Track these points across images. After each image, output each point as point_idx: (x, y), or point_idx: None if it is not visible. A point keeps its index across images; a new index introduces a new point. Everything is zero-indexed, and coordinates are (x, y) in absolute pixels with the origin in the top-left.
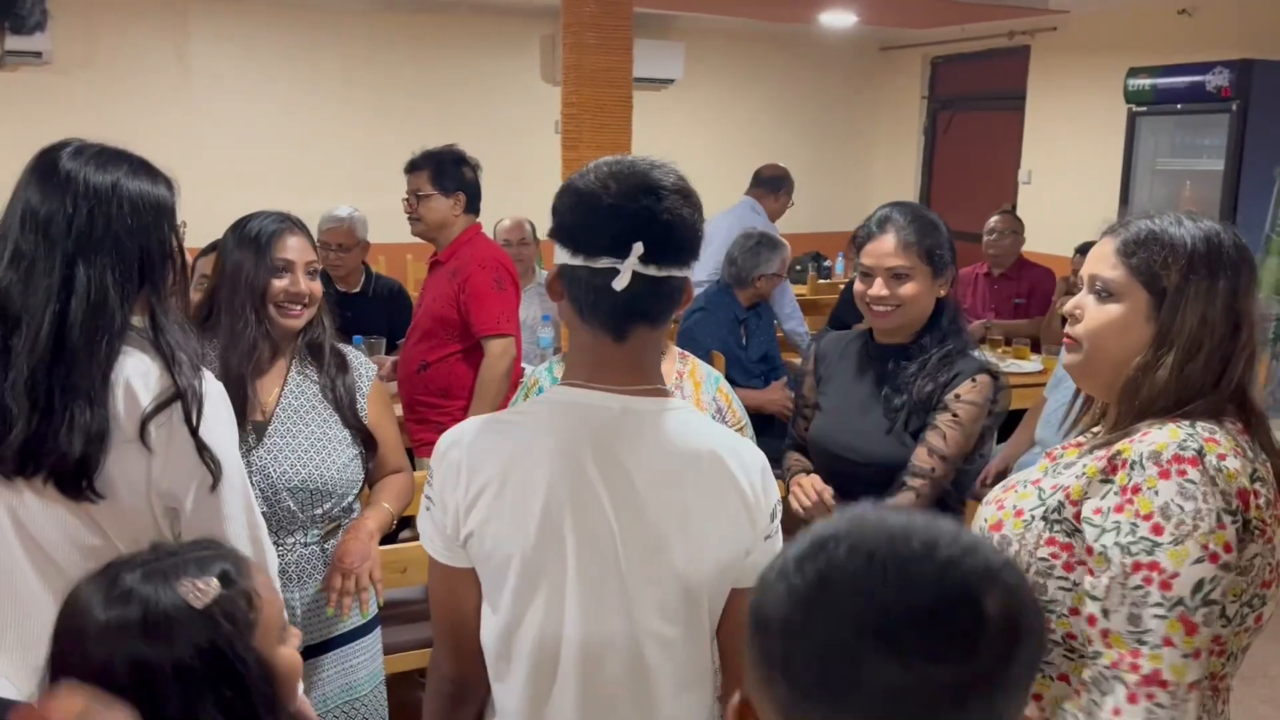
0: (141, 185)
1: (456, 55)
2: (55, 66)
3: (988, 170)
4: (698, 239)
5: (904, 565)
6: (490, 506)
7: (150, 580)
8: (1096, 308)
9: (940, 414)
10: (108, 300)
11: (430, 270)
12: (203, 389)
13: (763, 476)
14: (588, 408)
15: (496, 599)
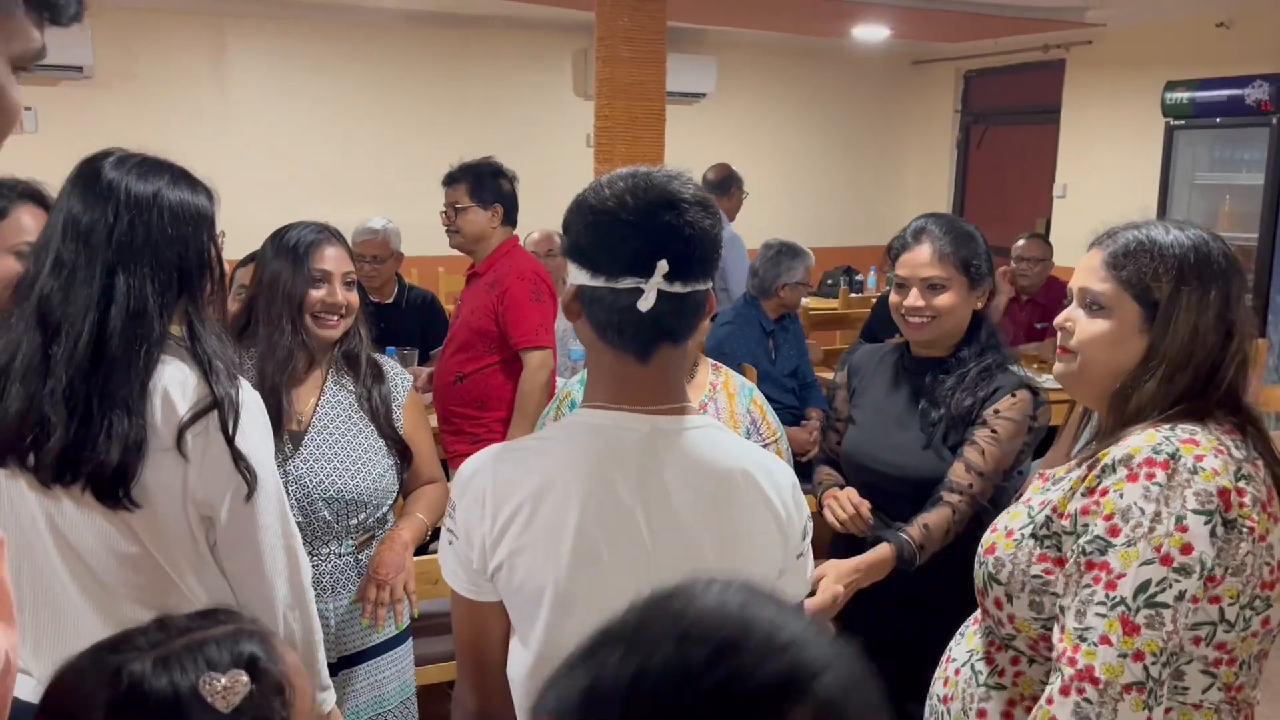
0: (182, 195)
1: (489, 69)
2: (96, 80)
3: (1021, 184)
4: (718, 249)
5: (682, 680)
6: (520, 538)
7: (164, 672)
8: (1087, 321)
9: (979, 429)
10: (147, 309)
11: (468, 282)
12: (239, 398)
13: (794, 493)
14: (616, 430)
15: (528, 632)
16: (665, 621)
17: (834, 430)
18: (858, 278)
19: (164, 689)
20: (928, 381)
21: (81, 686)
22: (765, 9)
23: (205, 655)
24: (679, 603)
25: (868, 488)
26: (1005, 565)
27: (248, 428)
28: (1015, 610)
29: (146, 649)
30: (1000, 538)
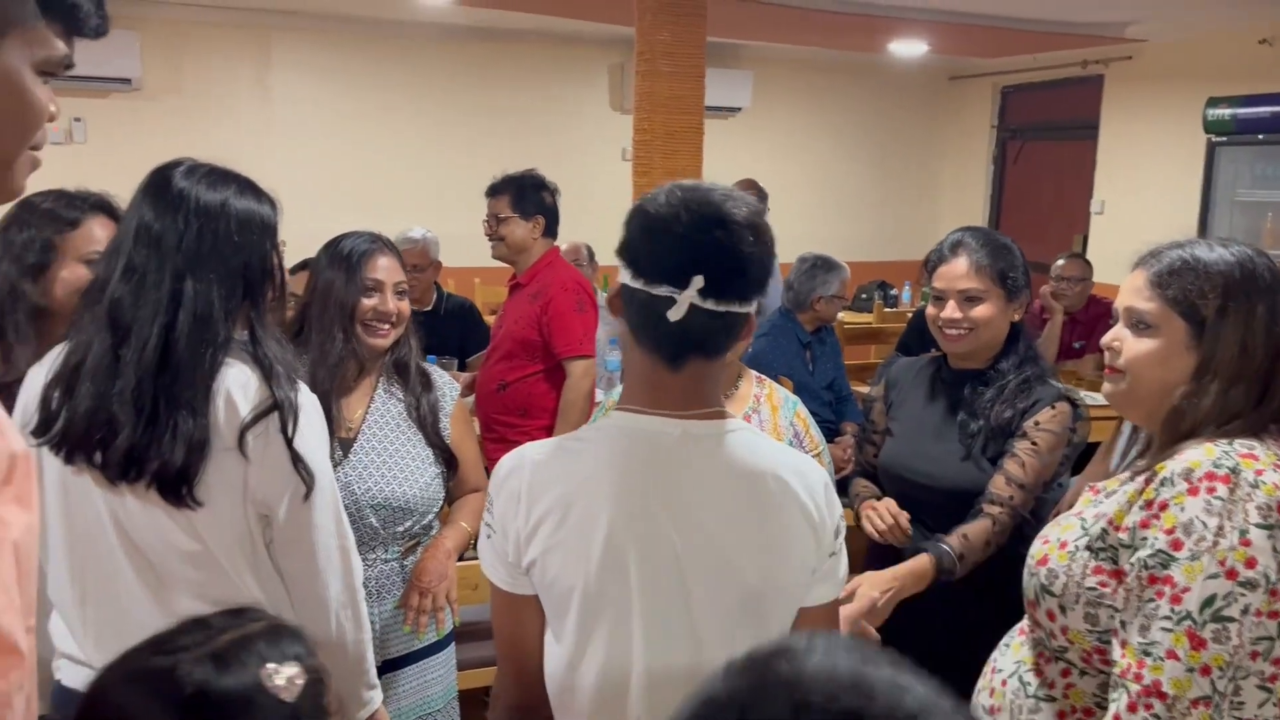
0: (248, 204)
1: (527, 83)
2: (144, 92)
3: (1059, 200)
4: (764, 275)
5: None
6: (552, 536)
7: (225, 669)
8: (1134, 340)
9: (1019, 441)
10: (212, 313)
11: (510, 293)
12: (298, 401)
13: (826, 493)
14: (648, 434)
15: (560, 629)
16: (778, 690)
17: (870, 443)
18: (892, 292)
19: (230, 685)
20: (966, 393)
21: (132, 699)
22: (803, 24)
23: (257, 650)
24: (787, 666)
25: (905, 499)
26: (1059, 577)
27: (306, 430)
28: (1069, 622)
29: (195, 648)
30: (1053, 549)
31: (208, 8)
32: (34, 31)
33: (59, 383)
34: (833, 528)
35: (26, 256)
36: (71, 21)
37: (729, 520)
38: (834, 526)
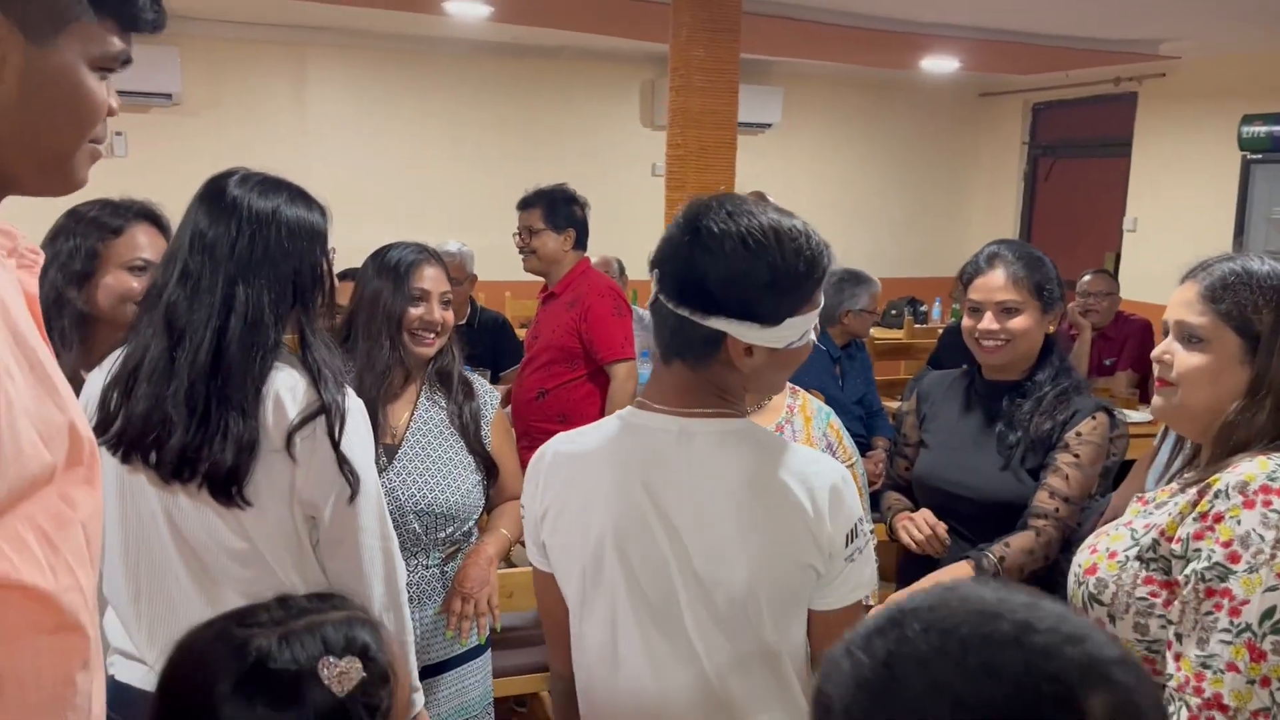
0: (299, 212)
1: (558, 99)
2: (184, 108)
3: (1091, 217)
4: (731, 291)
5: (987, 651)
6: (556, 521)
7: (287, 648)
8: (1186, 354)
9: (1061, 454)
10: (263, 318)
11: (544, 303)
12: (345, 404)
13: (831, 494)
14: (647, 430)
15: (573, 606)
16: (957, 601)
17: (902, 456)
18: (922, 308)
19: (287, 664)
20: (1004, 405)
21: (209, 656)
22: (835, 40)
23: (324, 636)
24: (967, 590)
25: (942, 510)
26: (1108, 586)
27: (352, 433)
28: (1118, 631)
29: (270, 625)
30: (1102, 559)
31: (246, 24)
32: (89, 28)
33: (117, 384)
34: (842, 529)
35: (72, 264)
36: (127, 17)
37: (718, 517)
38: (844, 528)
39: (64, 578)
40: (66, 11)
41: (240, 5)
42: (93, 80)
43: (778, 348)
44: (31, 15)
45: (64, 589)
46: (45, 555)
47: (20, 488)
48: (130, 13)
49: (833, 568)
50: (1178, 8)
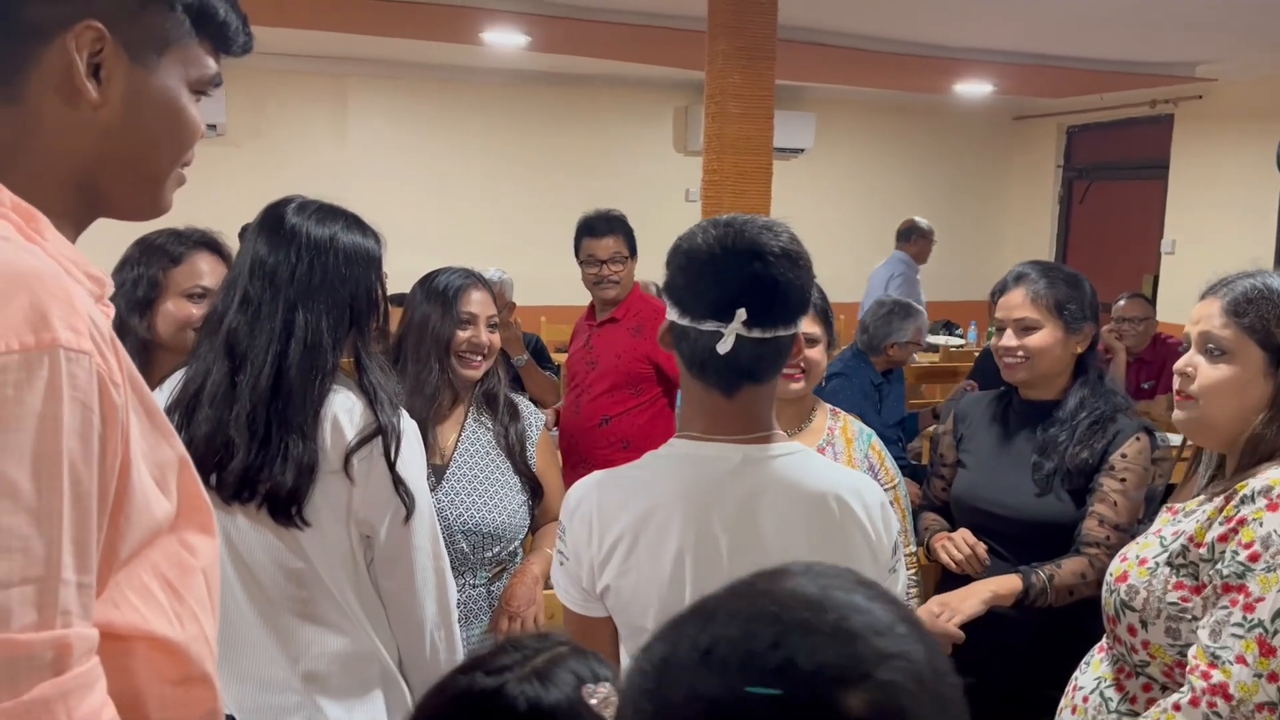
0: (354, 238)
1: (593, 126)
2: (228, 137)
3: (1128, 239)
4: (803, 300)
5: (744, 658)
6: (625, 562)
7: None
8: (1209, 367)
9: (1107, 478)
10: (322, 342)
11: (599, 328)
12: (400, 426)
13: (882, 511)
14: (709, 460)
15: (634, 650)
16: (744, 600)
17: (939, 476)
18: (957, 331)
19: (558, 701)
20: (1039, 435)
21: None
22: (868, 66)
23: (571, 668)
24: (766, 583)
25: (980, 530)
26: (1139, 592)
27: (407, 454)
28: (1150, 636)
29: (516, 667)
30: (1132, 566)
31: (289, 56)
32: (190, 50)
33: (178, 407)
34: (890, 545)
35: (135, 292)
36: (221, 40)
37: (788, 541)
38: (891, 543)
39: (190, 627)
40: (171, 34)
41: (284, 37)
42: (191, 102)
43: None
44: (138, 37)
45: (190, 639)
46: (171, 604)
47: (145, 536)
48: (226, 36)
49: (882, 579)
50: (1214, 31)
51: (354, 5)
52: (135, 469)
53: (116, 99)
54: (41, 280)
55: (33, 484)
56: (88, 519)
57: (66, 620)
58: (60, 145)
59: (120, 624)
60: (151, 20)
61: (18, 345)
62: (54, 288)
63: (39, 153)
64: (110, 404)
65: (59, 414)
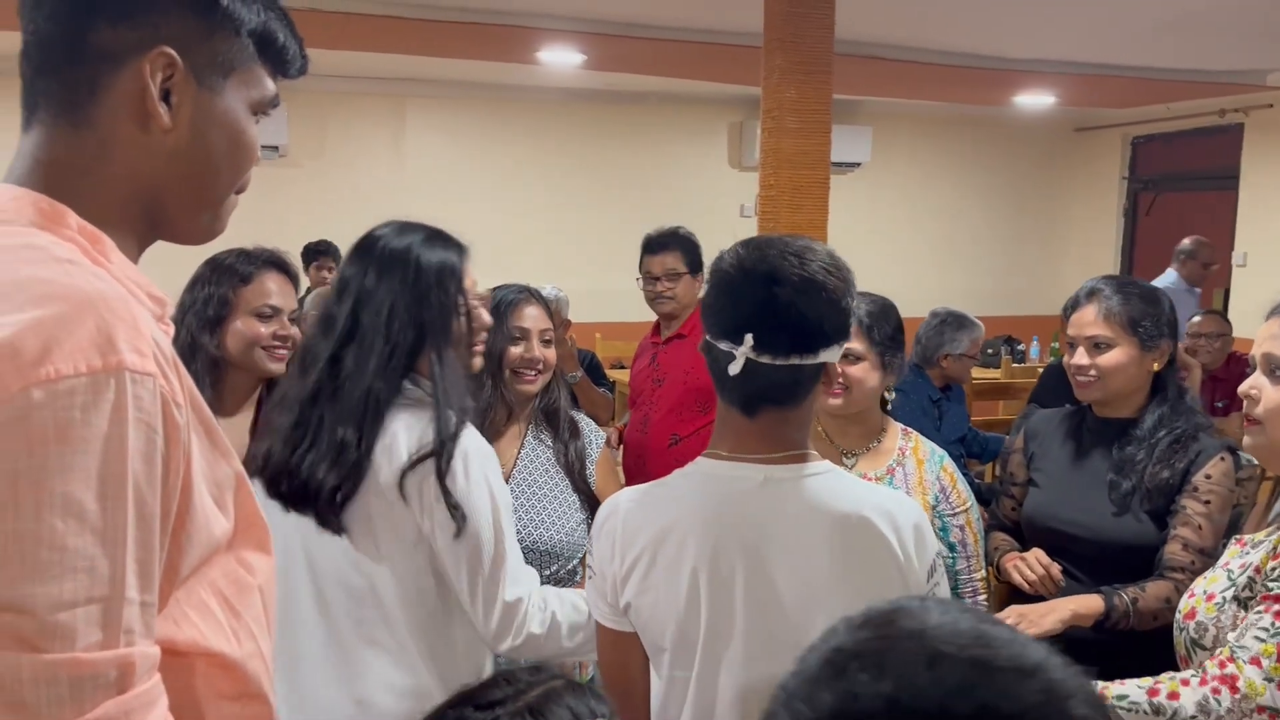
0: (433, 250)
1: (647, 142)
2: (289, 159)
3: None
4: (824, 328)
5: (939, 703)
6: (644, 580)
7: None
8: (1274, 389)
9: (1190, 500)
10: (379, 349)
11: (664, 346)
12: (462, 444)
13: (915, 533)
14: (730, 480)
15: (657, 667)
16: (909, 641)
17: (1009, 495)
18: (1020, 347)
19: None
20: (1115, 455)
21: None
22: (926, 78)
23: (566, 704)
24: (911, 621)
25: (1055, 550)
26: (1208, 629)
27: (460, 471)
28: None
29: (509, 701)
30: (1200, 602)
31: (348, 78)
32: (252, 73)
33: (265, 419)
34: (924, 567)
35: (206, 311)
36: (279, 63)
37: (811, 563)
38: (926, 565)
39: (247, 644)
40: (236, 58)
41: (344, 60)
42: (251, 124)
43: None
44: (206, 62)
45: (247, 656)
46: (228, 621)
47: (205, 554)
48: (285, 59)
49: None
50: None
51: (413, 27)
52: (196, 488)
53: (184, 122)
54: (108, 303)
55: (99, 505)
56: (151, 538)
57: (130, 639)
58: (129, 168)
59: (180, 641)
60: (219, 45)
61: (85, 368)
62: (120, 310)
63: (108, 175)
64: (173, 424)
65: (125, 435)
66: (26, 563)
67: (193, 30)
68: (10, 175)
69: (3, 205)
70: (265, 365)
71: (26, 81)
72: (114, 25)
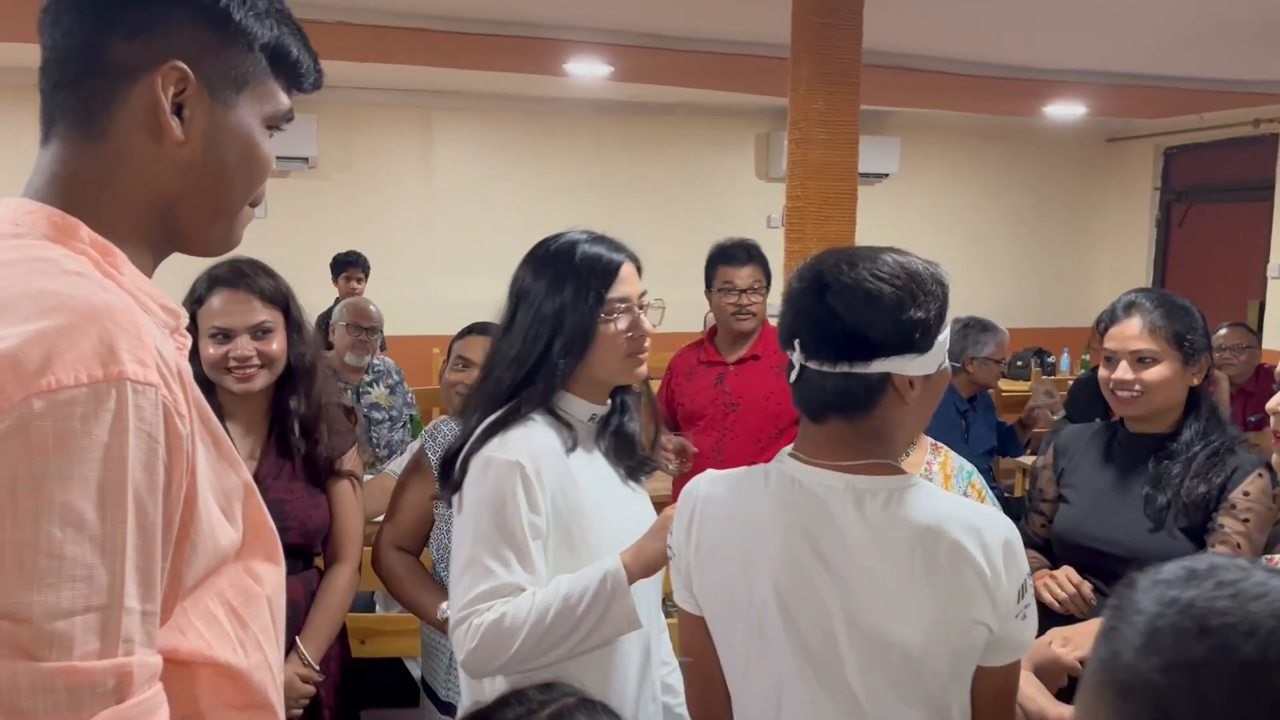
0: (584, 249)
1: (674, 153)
2: (319, 171)
3: (1231, 264)
4: (877, 336)
5: None
6: (715, 572)
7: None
8: None
9: (1228, 519)
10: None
11: (736, 366)
12: (488, 454)
13: (1004, 551)
14: (813, 484)
15: (724, 661)
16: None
17: (1038, 512)
18: (1049, 359)
19: None
20: (1151, 467)
21: None
22: (955, 89)
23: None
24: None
25: (1086, 568)
26: None
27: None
28: None
29: (523, 719)
30: None
31: (377, 90)
32: (265, 87)
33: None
34: (1014, 587)
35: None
36: (293, 78)
37: (893, 576)
38: (1016, 585)
39: (253, 654)
40: (249, 73)
41: (372, 72)
42: (265, 138)
43: (932, 373)
44: (219, 76)
45: (254, 666)
46: (235, 631)
47: (211, 564)
48: (299, 74)
49: (1005, 625)
50: None
51: (443, 40)
52: (201, 498)
53: (197, 136)
54: (112, 314)
55: (98, 514)
56: (152, 547)
57: (128, 648)
58: (143, 181)
59: (185, 650)
60: (232, 60)
61: (86, 378)
62: (124, 321)
63: (122, 188)
64: (175, 434)
65: (125, 445)
66: (24, 571)
67: (206, 45)
68: (28, 189)
69: (17, 219)
70: (231, 387)
71: (45, 97)
72: (128, 40)
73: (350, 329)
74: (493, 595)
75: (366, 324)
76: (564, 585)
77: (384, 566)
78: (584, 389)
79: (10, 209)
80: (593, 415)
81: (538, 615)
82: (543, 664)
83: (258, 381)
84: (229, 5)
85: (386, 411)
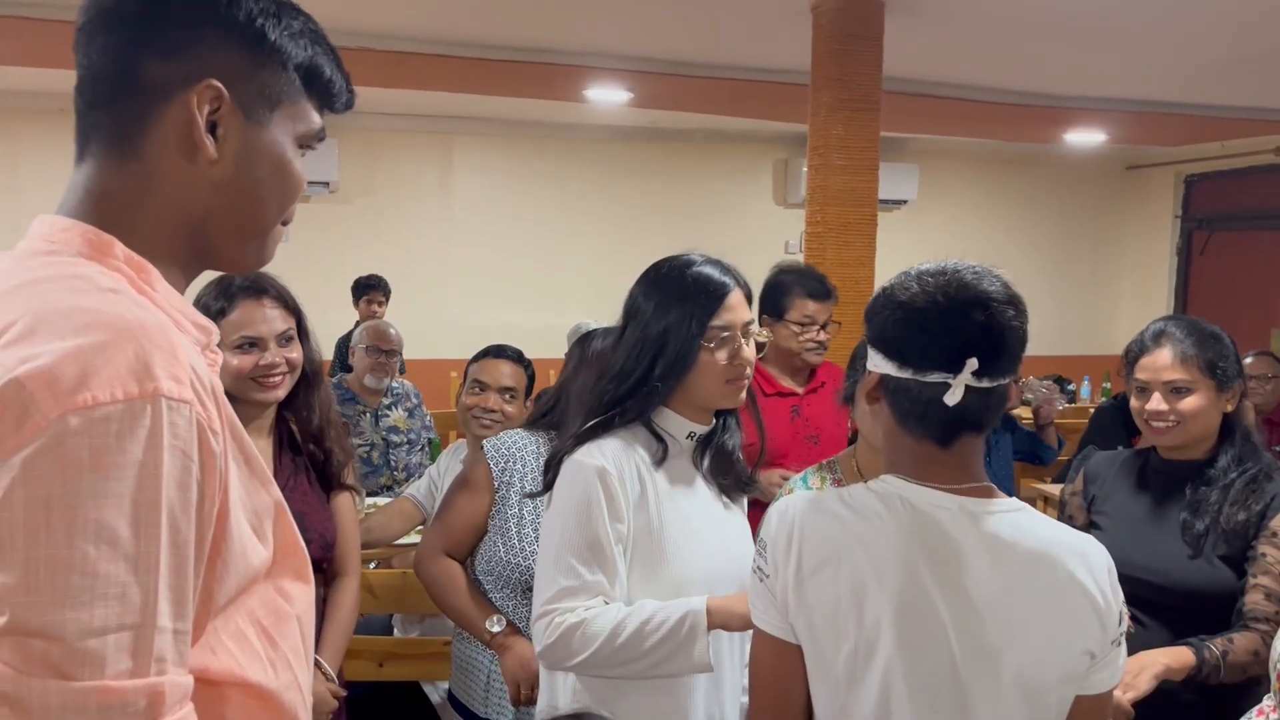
0: (693, 272)
1: (692, 179)
2: (340, 195)
3: (1253, 292)
4: (1025, 344)
5: None
6: (820, 594)
7: None
8: None
9: (1269, 548)
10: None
11: (806, 397)
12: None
13: (1110, 576)
14: (926, 506)
15: (820, 688)
16: None
17: None
18: (1070, 387)
19: None
20: (1188, 494)
21: None
22: (974, 116)
23: None
24: None
25: (1125, 597)
26: None
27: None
28: None
29: None
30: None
31: (398, 115)
32: (298, 106)
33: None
34: (1119, 612)
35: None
36: (326, 97)
37: (1005, 600)
38: (1119, 611)
39: (284, 674)
40: (283, 92)
41: (394, 97)
42: (297, 156)
43: None
44: (253, 95)
45: (284, 686)
46: (265, 651)
47: (243, 583)
48: (331, 94)
49: (1106, 652)
50: None
51: (465, 66)
52: (233, 516)
53: (231, 154)
54: (147, 331)
55: (132, 531)
56: (185, 566)
57: (161, 668)
58: (176, 199)
59: (216, 670)
60: (266, 79)
61: (122, 395)
62: (159, 339)
63: (156, 206)
64: (209, 452)
65: (159, 462)
66: (57, 589)
67: (240, 64)
68: (62, 208)
69: (52, 236)
70: (256, 396)
71: (80, 116)
72: (163, 59)
73: (370, 351)
74: (574, 593)
75: (386, 346)
76: (647, 609)
77: (431, 570)
78: (684, 408)
79: (45, 226)
80: (691, 433)
81: (612, 632)
82: (613, 676)
83: (283, 389)
84: (264, 25)
85: (405, 435)
